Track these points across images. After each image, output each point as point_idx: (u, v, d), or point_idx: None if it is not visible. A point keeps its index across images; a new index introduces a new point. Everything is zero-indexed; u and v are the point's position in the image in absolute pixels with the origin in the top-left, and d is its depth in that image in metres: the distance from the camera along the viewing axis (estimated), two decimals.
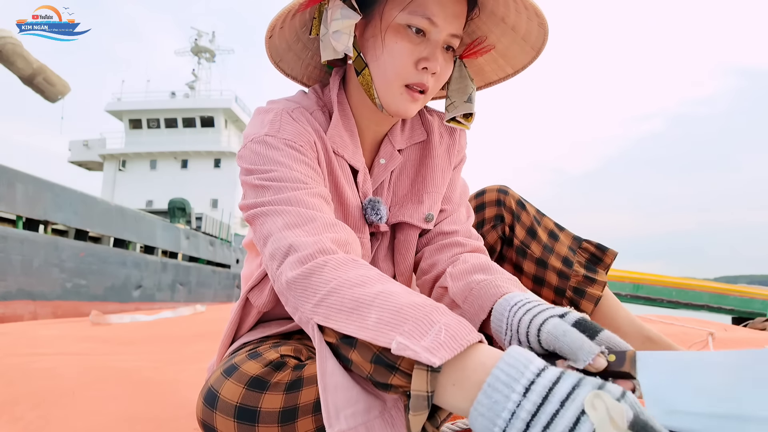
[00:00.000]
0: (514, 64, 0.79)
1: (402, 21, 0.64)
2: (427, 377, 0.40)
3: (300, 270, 0.53)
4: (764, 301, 6.76)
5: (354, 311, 0.47)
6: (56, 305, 6.50)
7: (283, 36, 0.72)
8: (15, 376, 1.24)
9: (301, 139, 0.67)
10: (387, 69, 0.66)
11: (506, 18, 0.72)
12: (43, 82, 4.49)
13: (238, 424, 0.58)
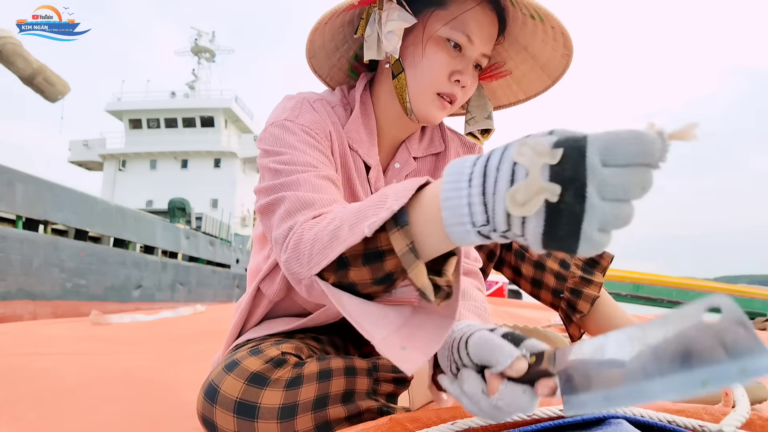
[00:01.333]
0: (527, 91, 0.83)
1: (443, 34, 0.68)
2: (401, 233, 0.44)
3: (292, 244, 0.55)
4: (764, 301, 6.77)
5: (332, 240, 0.49)
6: (56, 305, 6.50)
7: (322, 33, 0.74)
8: (15, 375, 1.25)
9: (317, 127, 0.69)
10: (423, 76, 0.69)
11: (529, 46, 0.76)
12: (43, 82, 4.48)
13: (238, 420, 0.59)
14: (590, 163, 0.33)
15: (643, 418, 0.45)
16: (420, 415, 0.50)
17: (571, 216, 0.34)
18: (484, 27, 0.69)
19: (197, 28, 22.71)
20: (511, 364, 0.42)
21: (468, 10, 0.67)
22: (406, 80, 0.71)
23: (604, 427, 0.44)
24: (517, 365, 0.42)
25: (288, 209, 0.59)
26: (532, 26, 0.72)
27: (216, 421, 0.60)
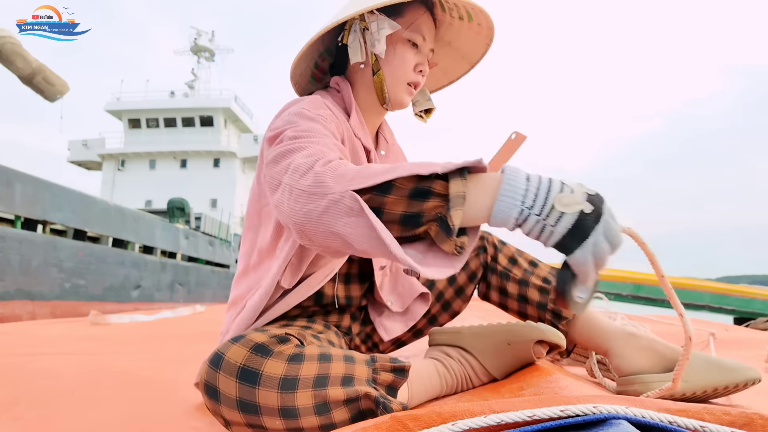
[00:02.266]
0: (449, 76, 1.05)
1: (407, 36, 0.87)
2: (462, 182, 0.57)
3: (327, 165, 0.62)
4: (765, 301, 6.77)
5: (387, 172, 0.59)
6: (55, 305, 6.49)
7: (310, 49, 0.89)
8: (14, 376, 1.24)
9: (331, 119, 0.80)
10: (397, 70, 0.87)
11: (453, 42, 0.98)
12: (43, 82, 4.48)
13: (240, 384, 0.62)
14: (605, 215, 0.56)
15: (644, 419, 0.45)
16: (421, 414, 0.50)
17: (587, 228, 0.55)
18: (431, 29, 0.90)
19: (197, 28, 22.70)
20: None
21: (420, 16, 0.87)
22: (384, 76, 0.88)
23: (605, 427, 0.44)
24: None
25: (312, 152, 0.67)
26: (458, 25, 0.94)
27: (218, 385, 0.62)
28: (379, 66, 0.87)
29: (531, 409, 0.48)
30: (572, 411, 0.47)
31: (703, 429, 0.45)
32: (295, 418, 0.63)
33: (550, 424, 0.46)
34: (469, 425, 0.46)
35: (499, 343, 0.83)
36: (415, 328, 1.05)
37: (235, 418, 0.63)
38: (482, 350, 0.85)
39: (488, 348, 0.84)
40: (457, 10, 0.91)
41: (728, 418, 0.50)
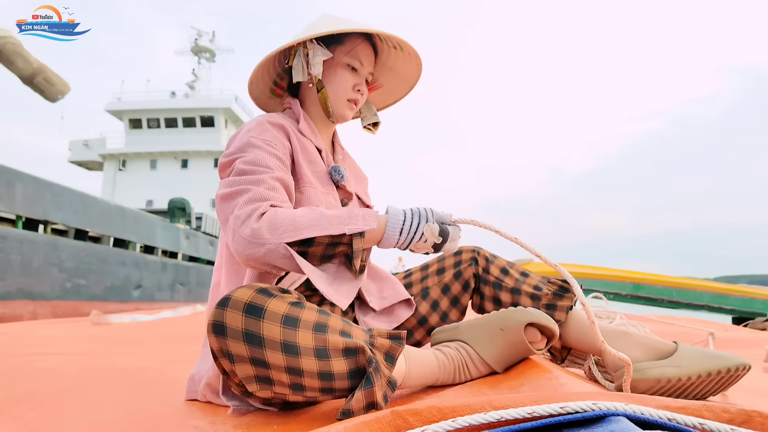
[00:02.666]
0: (395, 96, 1.22)
1: (345, 61, 1.03)
2: (361, 239, 0.84)
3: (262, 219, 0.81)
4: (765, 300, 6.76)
5: (311, 225, 0.81)
6: (56, 305, 6.49)
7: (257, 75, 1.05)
8: (15, 375, 1.25)
9: (275, 140, 0.95)
10: (338, 89, 1.04)
11: (393, 67, 1.15)
12: (43, 82, 4.49)
13: (246, 317, 0.68)
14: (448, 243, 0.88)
15: (643, 416, 0.45)
16: (421, 409, 0.50)
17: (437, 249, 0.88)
18: (368, 56, 1.06)
19: (197, 28, 22.67)
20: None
21: (357, 45, 1.03)
22: (327, 93, 1.04)
23: (604, 424, 0.44)
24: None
25: (251, 197, 0.84)
26: (395, 54, 1.11)
27: (225, 321, 0.68)
28: (322, 85, 1.04)
29: (531, 405, 0.48)
30: (572, 408, 0.47)
31: (702, 426, 0.45)
32: (296, 356, 0.68)
33: (550, 421, 0.46)
34: (470, 422, 0.47)
35: (492, 329, 0.87)
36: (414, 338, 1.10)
37: (241, 350, 0.68)
38: (477, 339, 0.87)
39: (483, 336, 0.87)
40: (390, 41, 1.08)
41: (727, 415, 0.51)
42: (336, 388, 0.72)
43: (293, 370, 0.68)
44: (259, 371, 0.69)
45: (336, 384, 0.71)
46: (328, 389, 0.72)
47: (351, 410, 0.68)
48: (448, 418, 0.47)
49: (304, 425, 0.74)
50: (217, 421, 0.83)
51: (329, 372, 0.70)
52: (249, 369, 0.69)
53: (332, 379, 0.70)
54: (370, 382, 0.71)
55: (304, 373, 0.69)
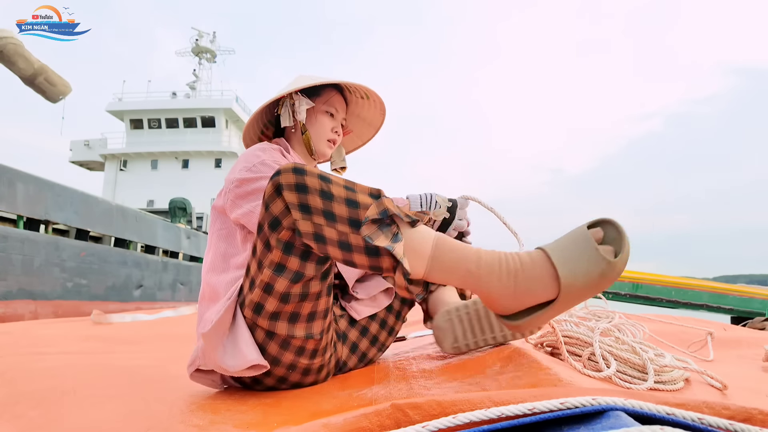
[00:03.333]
0: (363, 139, 1.44)
1: (324, 109, 1.24)
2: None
3: None
4: (763, 300, 6.75)
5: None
6: (57, 305, 6.50)
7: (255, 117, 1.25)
8: (16, 375, 1.25)
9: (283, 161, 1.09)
10: (319, 132, 1.24)
11: (361, 114, 1.38)
12: (45, 82, 4.49)
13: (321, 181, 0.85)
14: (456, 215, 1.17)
15: (642, 410, 0.45)
16: (421, 403, 0.50)
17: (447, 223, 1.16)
18: (341, 104, 1.28)
19: (198, 29, 22.69)
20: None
21: (332, 96, 1.26)
22: (310, 135, 1.23)
23: (602, 419, 0.44)
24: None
25: None
26: (362, 103, 1.34)
27: (281, 180, 0.85)
28: (306, 128, 1.23)
29: (531, 401, 0.48)
30: (571, 403, 0.47)
31: (701, 421, 0.46)
32: (328, 182, 0.85)
33: (549, 416, 0.46)
34: (470, 418, 0.47)
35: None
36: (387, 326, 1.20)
37: (289, 179, 0.85)
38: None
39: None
40: (358, 92, 1.30)
41: (728, 412, 0.51)
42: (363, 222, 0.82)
43: (325, 194, 0.84)
44: (300, 197, 0.84)
45: (361, 214, 0.83)
46: (355, 221, 0.82)
47: (367, 216, 0.81)
48: (448, 412, 0.47)
49: (304, 421, 0.74)
50: (217, 419, 0.83)
51: (355, 200, 0.84)
52: (293, 195, 0.84)
53: (357, 207, 0.83)
54: (379, 197, 0.85)
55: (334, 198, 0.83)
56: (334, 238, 0.84)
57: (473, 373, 0.87)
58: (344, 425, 0.53)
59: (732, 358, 1.47)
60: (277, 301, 0.92)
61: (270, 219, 0.89)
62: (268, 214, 0.89)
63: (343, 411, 0.67)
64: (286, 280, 0.91)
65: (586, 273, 0.74)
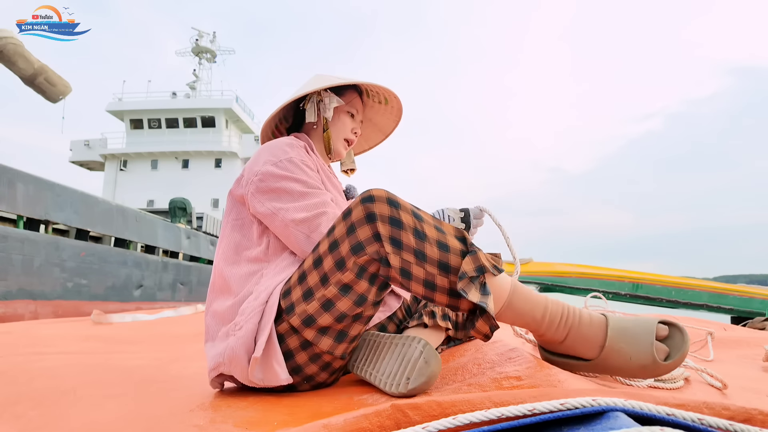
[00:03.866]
0: (371, 143, 1.47)
1: (346, 109, 1.25)
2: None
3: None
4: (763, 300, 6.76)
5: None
6: (57, 305, 6.50)
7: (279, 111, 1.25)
8: (16, 375, 1.25)
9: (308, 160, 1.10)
10: (340, 130, 1.25)
11: (373, 119, 1.41)
12: (45, 82, 4.49)
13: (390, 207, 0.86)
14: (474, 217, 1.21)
15: (642, 411, 0.45)
16: (421, 403, 0.50)
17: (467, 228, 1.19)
18: (360, 107, 1.29)
19: (198, 29, 22.69)
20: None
21: (354, 98, 1.27)
22: (331, 134, 1.23)
23: (603, 420, 0.44)
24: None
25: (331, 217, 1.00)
26: (378, 107, 1.37)
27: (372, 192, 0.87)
28: (328, 126, 1.23)
29: (531, 402, 0.48)
30: (571, 404, 0.47)
31: (701, 422, 0.46)
32: (421, 221, 0.86)
33: (549, 416, 0.46)
34: (470, 419, 0.47)
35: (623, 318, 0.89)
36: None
37: (384, 210, 0.85)
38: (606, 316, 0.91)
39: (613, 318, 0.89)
40: (378, 96, 1.33)
41: (728, 413, 0.51)
42: (451, 264, 0.84)
43: (419, 233, 0.85)
44: (394, 231, 0.84)
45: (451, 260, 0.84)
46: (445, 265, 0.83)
47: (464, 272, 0.82)
48: (448, 413, 0.47)
49: (304, 421, 0.74)
50: (217, 419, 0.83)
51: (446, 243, 0.85)
52: (387, 228, 0.85)
53: (448, 251, 0.84)
54: (474, 252, 0.85)
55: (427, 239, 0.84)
56: (420, 276, 0.84)
57: (473, 374, 0.87)
58: (344, 426, 0.53)
59: (732, 357, 1.47)
60: (333, 318, 0.92)
61: (354, 243, 0.88)
62: (352, 237, 0.88)
63: (343, 411, 0.66)
64: (350, 301, 0.91)
65: (629, 357, 0.83)
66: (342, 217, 0.91)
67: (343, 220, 0.91)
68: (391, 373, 0.94)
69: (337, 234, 0.91)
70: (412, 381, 0.88)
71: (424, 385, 0.88)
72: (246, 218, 1.09)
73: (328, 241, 0.93)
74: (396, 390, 0.90)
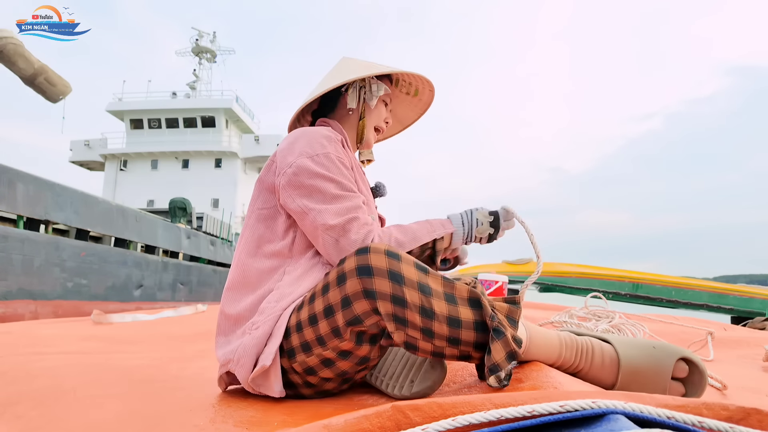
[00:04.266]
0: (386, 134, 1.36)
1: (383, 98, 1.19)
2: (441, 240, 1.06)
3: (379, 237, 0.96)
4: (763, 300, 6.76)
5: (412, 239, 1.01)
6: (57, 305, 6.50)
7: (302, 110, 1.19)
8: (16, 375, 1.25)
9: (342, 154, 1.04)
10: (373, 119, 1.20)
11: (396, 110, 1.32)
12: (45, 82, 4.49)
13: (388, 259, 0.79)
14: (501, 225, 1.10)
15: (642, 414, 0.45)
16: (422, 405, 0.50)
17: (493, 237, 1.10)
18: (393, 96, 1.25)
19: (198, 29, 22.69)
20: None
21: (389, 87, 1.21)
22: (366, 122, 1.18)
23: (603, 422, 0.44)
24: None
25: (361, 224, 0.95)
26: (403, 98, 1.32)
27: (371, 263, 0.79)
28: (365, 115, 1.18)
29: (531, 404, 0.48)
30: (571, 406, 0.47)
31: (701, 424, 0.46)
32: (428, 295, 0.78)
33: (549, 419, 0.46)
34: (470, 420, 0.47)
35: (642, 342, 0.85)
36: None
37: (384, 287, 0.78)
38: (621, 342, 0.86)
39: (629, 343, 0.86)
40: (408, 87, 1.29)
41: (726, 413, 0.51)
42: (462, 339, 0.78)
43: (426, 311, 0.77)
44: (397, 309, 0.77)
45: (463, 334, 0.77)
46: (456, 339, 0.77)
47: (497, 364, 0.74)
48: (448, 414, 0.47)
49: (304, 422, 0.74)
50: (217, 419, 0.83)
51: (457, 318, 0.77)
52: (389, 306, 0.77)
53: (459, 326, 0.77)
54: (500, 333, 0.76)
55: (436, 316, 0.77)
56: (428, 349, 0.79)
57: (474, 376, 0.87)
58: (345, 426, 0.53)
59: (732, 357, 1.47)
60: (335, 374, 0.91)
61: (350, 317, 0.82)
62: (348, 311, 0.81)
63: (343, 412, 0.67)
64: (352, 362, 0.89)
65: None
66: (336, 280, 0.84)
67: (337, 286, 0.83)
68: (394, 374, 0.93)
69: (331, 299, 0.84)
70: (416, 384, 0.88)
71: (428, 389, 0.87)
72: (273, 208, 1.03)
73: (323, 303, 0.86)
74: (399, 392, 0.89)
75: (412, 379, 0.89)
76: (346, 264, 0.82)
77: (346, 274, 0.81)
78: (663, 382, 0.80)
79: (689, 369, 0.81)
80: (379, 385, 0.96)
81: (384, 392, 0.94)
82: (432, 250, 1.06)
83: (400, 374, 0.92)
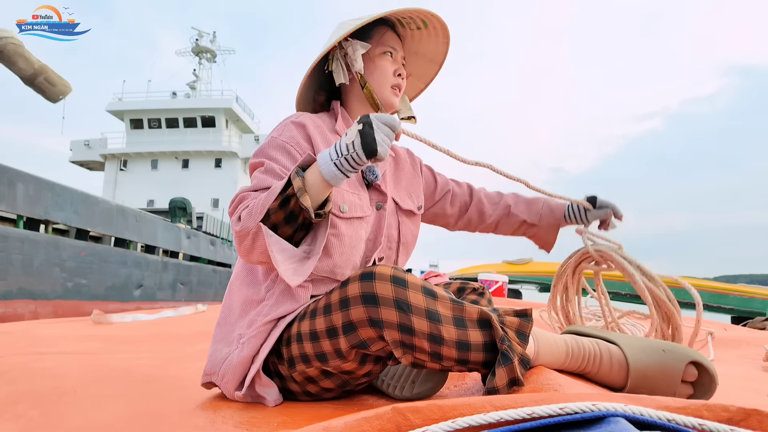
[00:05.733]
0: (425, 80, 1.22)
1: (380, 50, 1.05)
2: (299, 179, 0.80)
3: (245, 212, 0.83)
4: (764, 300, 6.76)
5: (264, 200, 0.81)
6: (57, 304, 6.51)
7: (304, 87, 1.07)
8: (16, 375, 1.25)
9: (292, 140, 0.96)
10: (380, 78, 1.04)
11: (419, 50, 1.16)
12: (45, 82, 4.49)
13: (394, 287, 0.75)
14: (372, 120, 0.79)
15: (642, 416, 0.45)
16: (422, 407, 0.50)
17: (370, 134, 0.77)
18: (397, 41, 1.08)
19: (198, 29, 22.70)
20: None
21: (385, 33, 1.06)
22: (372, 87, 1.04)
23: (603, 425, 0.44)
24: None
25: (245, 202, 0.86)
26: (418, 35, 1.12)
27: (376, 291, 0.75)
28: (365, 80, 1.05)
29: (531, 406, 0.48)
30: (571, 408, 0.47)
31: (702, 426, 0.46)
32: (437, 322, 0.74)
33: (549, 421, 0.46)
34: (469, 422, 0.47)
35: (652, 344, 0.83)
36: None
37: (391, 317, 0.74)
38: (629, 344, 0.84)
39: (638, 345, 0.84)
40: (414, 21, 1.09)
41: (726, 414, 0.51)
42: (471, 360, 0.76)
43: (435, 338, 0.74)
44: (405, 337, 0.74)
45: (471, 356, 0.75)
46: (464, 360, 0.76)
47: (496, 388, 0.72)
48: (448, 416, 0.47)
49: (304, 423, 0.74)
50: (217, 420, 0.83)
51: (467, 342, 0.75)
52: (396, 335, 0.75)
53: (469, 350, 0.75)
54: (508, 358, 0.74)
55: (444, 342, 0.74)
56: (436, 368, 0.78)
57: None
58: (345, 428, 0.53)
59: (732, 357, 1.47)
60: (335, 385, 0.89)
61: (355, 342, 0.79)
62: (353, 336, 0.79)
63: (343, 414, 0.67)
64: (354, 376, 0.87)
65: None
66: (339, 303, 0.80)
67: (340, 310, 0.79)
68: (395, 375, 0.93)
69: (334, 321, 0.80)
70: (417, 385, 0.87)
71: (430, 391, 0.86)
72: None
73: (325, 323, 0.82)
74: (400, 393, 0.89)
75: (413, 380, 0.88)
76: (350, 289, 0.78)
77: (350, 300, 0.78)
78: (673, 386, 0.79)
79: (698, 372, 0.80)
80: (380, 385, 0.96)
81: (385, 392, 0.94)
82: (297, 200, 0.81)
83: (401, 375, 0.92)
